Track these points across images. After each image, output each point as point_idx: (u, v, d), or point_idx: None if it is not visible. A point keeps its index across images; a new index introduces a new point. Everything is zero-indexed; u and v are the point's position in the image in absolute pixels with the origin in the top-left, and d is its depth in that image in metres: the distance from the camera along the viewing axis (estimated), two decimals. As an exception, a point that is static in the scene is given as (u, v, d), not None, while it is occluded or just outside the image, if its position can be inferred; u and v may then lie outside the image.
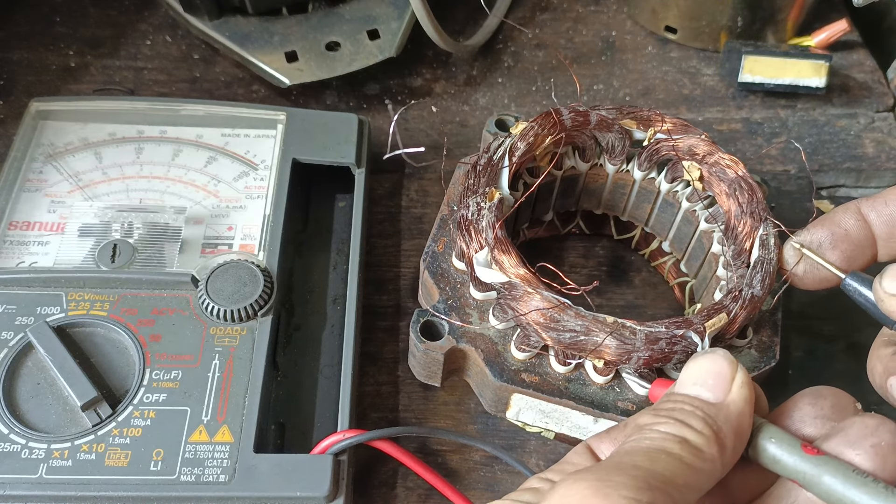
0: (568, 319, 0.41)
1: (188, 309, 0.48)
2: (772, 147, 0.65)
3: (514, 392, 0.44)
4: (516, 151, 0.48)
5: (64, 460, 0.43)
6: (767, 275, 0.44)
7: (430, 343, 0.44)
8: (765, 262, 0.45)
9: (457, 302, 0.46)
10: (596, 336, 0.41)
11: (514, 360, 0.44)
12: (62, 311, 0.47)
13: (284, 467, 0.43)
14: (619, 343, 0.41)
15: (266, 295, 0.48)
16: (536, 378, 0.44)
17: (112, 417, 0.44)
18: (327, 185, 0.58)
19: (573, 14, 0.74)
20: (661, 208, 0.53)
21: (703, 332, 0.42)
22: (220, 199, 0.54)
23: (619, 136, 0.50)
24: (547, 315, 0.42)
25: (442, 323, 0.45)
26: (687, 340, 0.41)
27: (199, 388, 0.46)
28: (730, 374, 0.36)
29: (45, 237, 0.51)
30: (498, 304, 0.44)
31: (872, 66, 0.71)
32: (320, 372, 0.50)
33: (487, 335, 0.45)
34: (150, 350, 0.47)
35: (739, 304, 0.43)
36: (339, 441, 0.44)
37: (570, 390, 0.43)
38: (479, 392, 0.47)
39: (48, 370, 0.45)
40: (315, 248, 0.56)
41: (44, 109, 0.57)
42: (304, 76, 0.62)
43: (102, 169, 0.54)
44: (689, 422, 0.34)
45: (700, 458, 0.33)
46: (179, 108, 0.57)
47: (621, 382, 0.44)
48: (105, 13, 0.71)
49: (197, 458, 0.43)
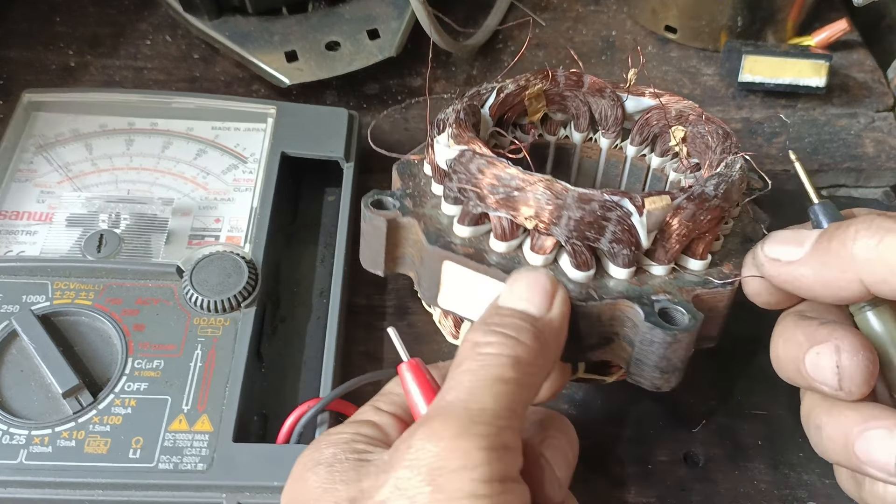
0: (504, 175, 0.40)
1: (172, 299, 0.48)
2: (772, 147, 0.65)
3: (446, 259, 0.42)
4: (505, 90, 0.48)
5: (44, 447, 0.43)
6: (724, 182, 0.42)
7: (376, 211, 0.43)
8: (725, 176, 0.42)
9: (416, 192, 0.45)
10: (530, 192, 0.39)
11: (455, 237, 0.42)
12: (47, 299, 0.48)
13: (262, 457, 0.43)
14: (550, 196, 0.39)
15: (250, 286, 0.48)
16: (471, 250, 0.42)
17: (93, 405, 0.44)
18: (318, 178, 0.58)
19: (573, 14, 0.74)
20: (651, 185, 0.52)
21: (640, 207, 0.39)
22: (208, 192, 0.54)
23: (611, 104, 0.49)
24: (487, 172, 0.40)
25: (394, 202, 0.44)
26: (622, 209, 0.39)
27: (181, 378, 0.46)
28: (552, 290, 0.37)
29: (34, 227, 0.51)
30: (447, 177, 0.42)
31: (872, 65, 0.70)
32: (304, 364, 0.50)
33: (435, 217, 0.43)
34: (133, 339, 0.47)
35: (686, 195, 0.40)
36: (302, 415, 0.45)
37: (503, 266, 0.41)
38: (418, 279, 0.45)
39: (32, 358, 0.45)
40: (304, 241, 0.56)
41: (36, 101, 0.57)
42: (304, 76, 0.62)
43: (92, 160, 0.55)
44: (520, 337, 0.35)
45: (532, 374, 0.35)
46: (170, 100, 0.57)
47: (557, 267, 0.41)
48: (105, 12, 0.71)
49: (176, 446, 0.44)
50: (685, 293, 0.41)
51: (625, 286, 0.41)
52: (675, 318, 0.40)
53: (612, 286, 0.41)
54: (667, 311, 0.40)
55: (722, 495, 0.48)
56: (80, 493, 0.42)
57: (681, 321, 0.39)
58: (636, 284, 0.41)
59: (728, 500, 0.48)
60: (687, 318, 0.39)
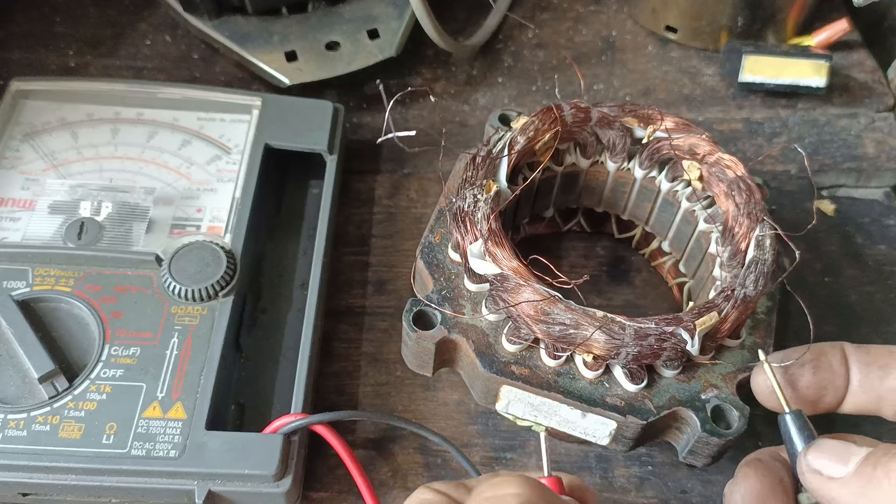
0: (558, 313, 0.41)
1: (151, 287, 0.49)
2: (773, 148, 0.64)
3: (504, 384, 0.43)
4: (516, 145, 0.48)
5: (19, 430, 0.43)
6: (762, 275, 0.43)
7: (421, 332, 0.43)
8: (759, 262, 0.44)
9: (451, 293, 0.45)
10: (585, 330, 0.40)
11: (504, 352, 0.43)
12: (27, 285, 0.48)
13: (235, 445, 0.43)
14: (607, 338, 0.40)
15: (228, 276, 0.48)
16: (526, 371, 0.43)
17: (68, 391, 0.45)
18: (303, 171, 0.58)
19: (573, 14, 0.74)
20: (662, 208, 0.52)
21: (692, 330, 0.41)
22: (191, 182, 0.54)
23: (620, 134, 0.50)
24: (537, 307, 0.41)
25: (434, 313, 0.44)
26: (676, 338, 0.41)
27: (157, 365, 0.46)
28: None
29: (16, 213, 0.52)
30: (490, 296, 0.43)
31: (873, 65, 0.69)
32: (283, 355, 0.50)
33: (479, 327, 0.44)
34: (110, 326, 0.47)
35: (731, 303, 0.42)
36: (289, 422, 0.45)
37: (559, 384, 0.43)
38: (470, 383, 0.46)
39: (10, 343, 0.46)
40: (287, 233, 0.56)
41: (24, 89, 0.58)
42: (303, 76, 0.62)
43: (78, 149, 0.55)
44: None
45: None
46: (157, 90, 0.58)
47: (611, 378, 0.43)
48: (105, 13, 0.71)
49: (149, 433, 0.44)
50: (729, 382, 0.43)
51: (675, 386, 0.43)
52: (727, 419, 0.42)
53: (664, 387, 0.43)
54: (719, 411, 0.42)
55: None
56: (53, 478, 0.43)
57: (732, 422, 0.42)
58: (684, 381, 0.43)
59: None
60: (737, 418, 0.42)
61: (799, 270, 0.45)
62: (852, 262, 0.58)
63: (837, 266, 0.58)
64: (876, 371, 0.40)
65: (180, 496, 0.44)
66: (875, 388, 0.41)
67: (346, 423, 0.49)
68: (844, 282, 0.57)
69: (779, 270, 0.46)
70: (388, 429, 0.50)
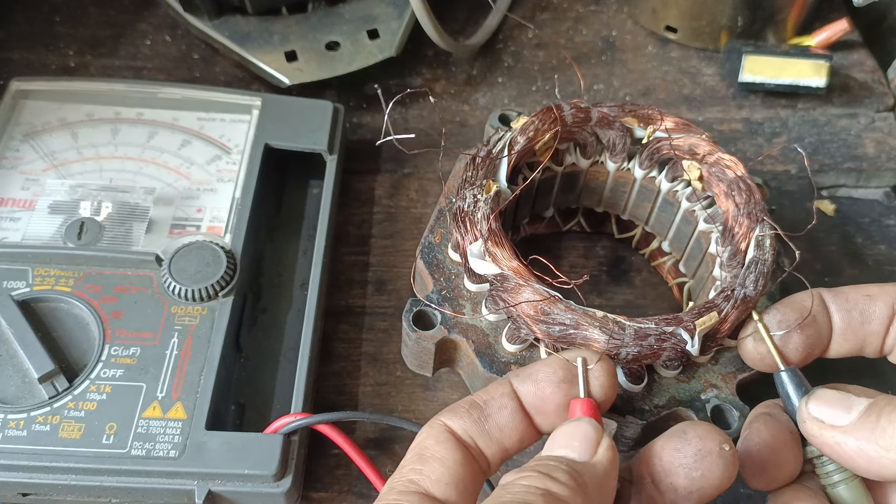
0: (558, 313, 0.41)
1: (151, 287, 0.49)
2: (773, 148, 0.64)
3: None
4: (515, 145, 0.48)
5: (19, 430, 0.43)
6: (761, 275, 0.43)
7: (421, 332, 0.44)
8: (759, 262, 0.44)
9: (450, 293, 0.45)
10: (585, 330, 0.40)
11: (504, 352, 0.43)
12: (27, 285, 0.48)
13: (235, 445, 0.43)
14: (607, 338, 0.40)
15: (228, 276, 0.48)
16: None
17: (68, 391, 0.45)
18: (304, 171, 0.58)
19: (573, 14, 0.74)
20: (661, 207, 0.52)
21: (692, 330, 0.41)
22: (191, 182, 0.54)
23: (620, 134, 0.50)
24: (537, 308, 0.41)
25: (434, 313, 0.44)
26: (676, 338, 0.41)
27: (157, 365, 0.46)
28: (595, 437, 0.35)
29: (16, 213, 0.52)
30: (490, 296, 0.43)
31: (873, 66, 0.70)
32: (283, 355, 0.50)
33: (479, 327, 0.44)
34: (110, 326, 0.47)
35: (731, 303, 0.42)
36: (289, 422, 0.44)
37: None
38: (470, 383, 0.46)
39: (10, 343, 0.46)
40: (288, 233, 0.56)
41: (24, 89, 0.58)
42: (303, 76, 0.62)
43: (78, 149, 0.55)
44: (553, 474, 0.33)
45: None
46: (157, 90, 0.58)
47: None
48: (105, 13, 0.71)
49: (149, 433, 0.44)
50: (729, 382, 0.44)
51: (675, 386, 0.44)
52: (727, 419, 0.43)
53: (664, 387, 0.43)
54: (719, 411, 0.43)
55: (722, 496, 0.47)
56: (53, 478, 0.43)
57: (732, 422, 0.43)
58: (684, 381, 0.44)
59: (728, 500, 0.47)
60: (737, 418, 0.42)
61: (799, 270, 0.45)
62: (852, 262, 0.58)
63: (837, 266, 0.58)
64: (857, 317, 0.42)
65: (180, 496, 0.44)
66: (857, 335, 0.42)
67: (346, 423, 0.49)
68: (844, 282, 0.57)
69: (779, 270, 0.46)
70: (388, 429, 0.50)
